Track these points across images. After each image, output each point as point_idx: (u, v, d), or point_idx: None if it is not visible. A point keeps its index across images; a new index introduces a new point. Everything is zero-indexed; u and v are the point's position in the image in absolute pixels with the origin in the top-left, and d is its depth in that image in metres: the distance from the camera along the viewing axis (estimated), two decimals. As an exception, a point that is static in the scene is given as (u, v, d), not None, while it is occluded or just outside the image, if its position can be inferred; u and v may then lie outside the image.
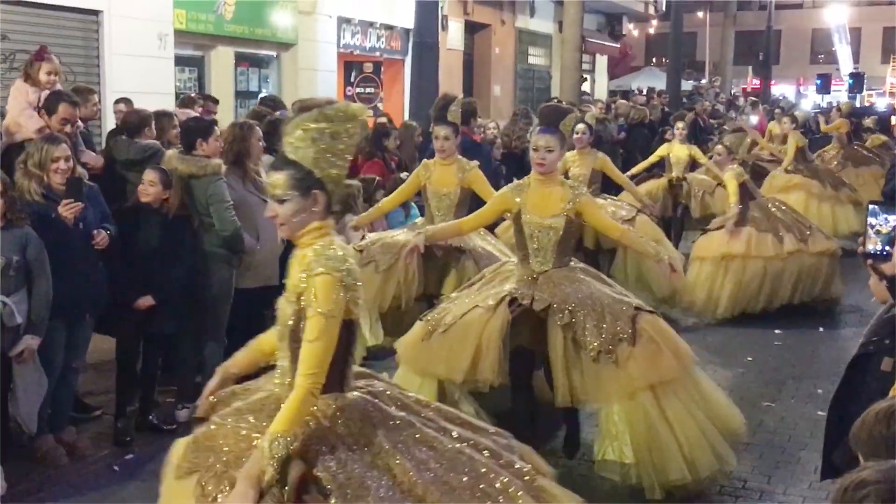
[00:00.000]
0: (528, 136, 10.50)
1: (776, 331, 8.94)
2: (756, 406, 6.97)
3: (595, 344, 5.01)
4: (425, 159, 7.33)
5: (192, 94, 9.98)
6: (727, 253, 9.18)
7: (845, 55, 39.99)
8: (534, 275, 5.38)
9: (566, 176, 8.39)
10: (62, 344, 5.64)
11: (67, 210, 5.53)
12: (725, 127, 14.77)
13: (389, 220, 8.43)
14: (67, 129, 6.40)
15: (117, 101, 9.16)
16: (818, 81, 34.87)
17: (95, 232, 5.73)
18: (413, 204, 8.81)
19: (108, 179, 6.94)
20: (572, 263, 5.55)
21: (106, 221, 5.92)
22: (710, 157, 11.27)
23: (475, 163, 7.07)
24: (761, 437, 6.38)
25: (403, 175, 8.90)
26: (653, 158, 11.60)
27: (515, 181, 5.66)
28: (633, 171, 11.45)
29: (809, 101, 35.11)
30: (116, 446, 6.04)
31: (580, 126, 8.92)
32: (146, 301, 6.04)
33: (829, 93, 33.27)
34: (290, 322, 3.24)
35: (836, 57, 40.80)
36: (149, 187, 6.15)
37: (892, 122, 19.79)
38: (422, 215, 8.65)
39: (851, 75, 34.28)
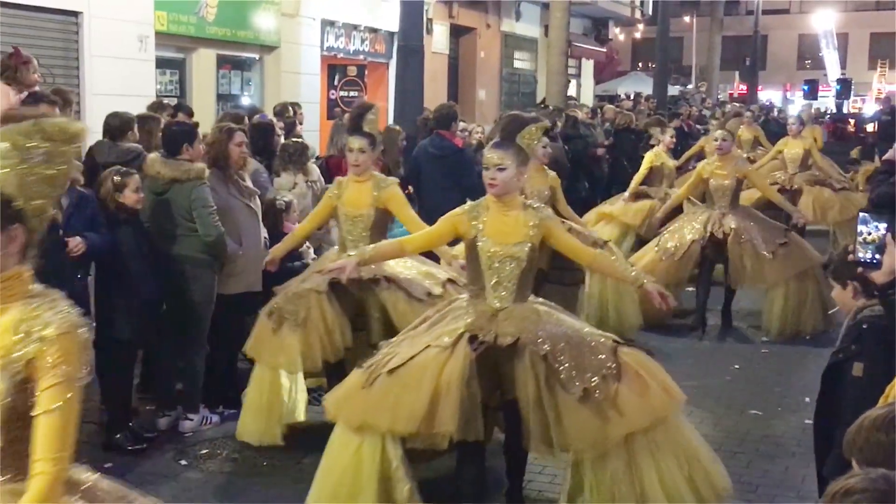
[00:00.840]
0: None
1: (763, 338, 8.98)
2: (743, 414, 7.01)
3: (578, 383, 4.39)
4: (338, 177, 6.66)
5: (163, 102, 9.89)
6: None
7: (833, 61, 40.26)
8: (492, 311, 4.72)
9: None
10: None
11: None
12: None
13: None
14: None
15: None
16: (805, 87, 35.11)
17: (70, 239, 5.65)
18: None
19: (90, 184, 6.91)
20: (531, 298, 4.90)
21: (96, 228, 5.87)
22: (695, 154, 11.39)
23: (394, 179, 6.35)
24: (748, 446, 6.41)
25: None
26: (643, 171, 11.31)
27: (470, 202, 4.95)
28: (632, 189, 11.31)
29: (796, 106, 35.27)
30: (106, 451, 6.01)
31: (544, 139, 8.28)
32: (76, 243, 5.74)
33: (816, 98, 33.54)
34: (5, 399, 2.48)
35: (823, 62, 41.06)
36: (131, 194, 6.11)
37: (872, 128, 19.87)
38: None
39: (839, 81, 34.52)
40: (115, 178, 6.06)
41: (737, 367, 8.18)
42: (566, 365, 4.43)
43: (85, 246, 5.70)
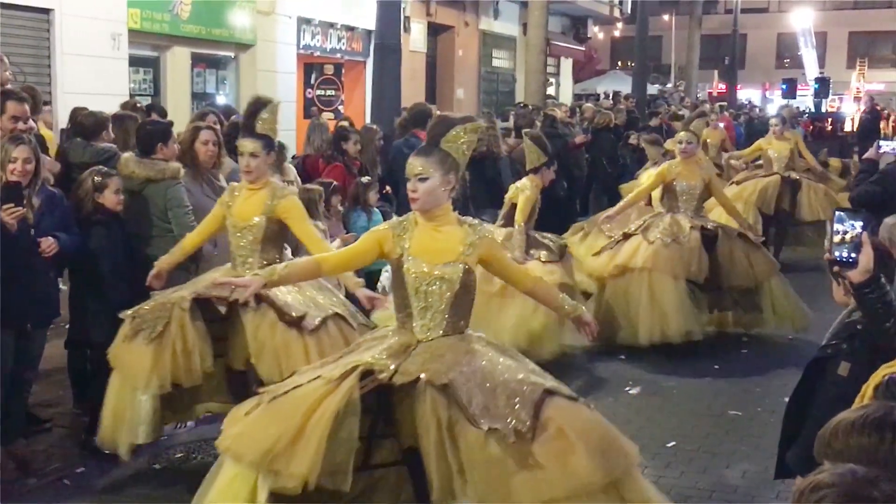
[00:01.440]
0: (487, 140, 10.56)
1: (743, 338, 9.02)
2: (723, 415, 7.04)
3: (484, 420, 3.73)
4: (233, 182, 6.12)
5: (136, 103, 9.81)
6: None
7: (811, 59, 40.45)
8: (412, 343, 4.13)
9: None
10: (11, 353, 5.57)
11: (9, 216, 5.33)
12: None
13: (351, 226, 8.38)
14: (20, 126, 6.27)
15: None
16: (784, 86, 35.20)
17: (42, 239, 5.60)
18: (376, 209, 8.76)
19: (62, 184, 6.86)
20: (469, 331, 4.27)
21: (69, 229, 5.82)
22: (665, 154, 11.26)
23: (293, 189, 5.84)
24: (727, 446, 6.44)
25: (365, 179, 8.85)
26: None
27: (396, 217, 4.44)
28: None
29: (775, 106, 35.46)
30: (82, 454, 5.96)
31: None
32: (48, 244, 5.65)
33: (794, 97, 33.69)
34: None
35: (802, 61, 41.28)
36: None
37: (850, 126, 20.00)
38: (386, 219, 8.62)
39: (817, 80, 34.73)
40: (95, 178, 6.01)
41: (716, 367, 8.21)
42: (471, 406, 3.77)
43: (57, 247, 5.65)
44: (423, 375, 3.88)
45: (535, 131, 9.64)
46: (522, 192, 8.22)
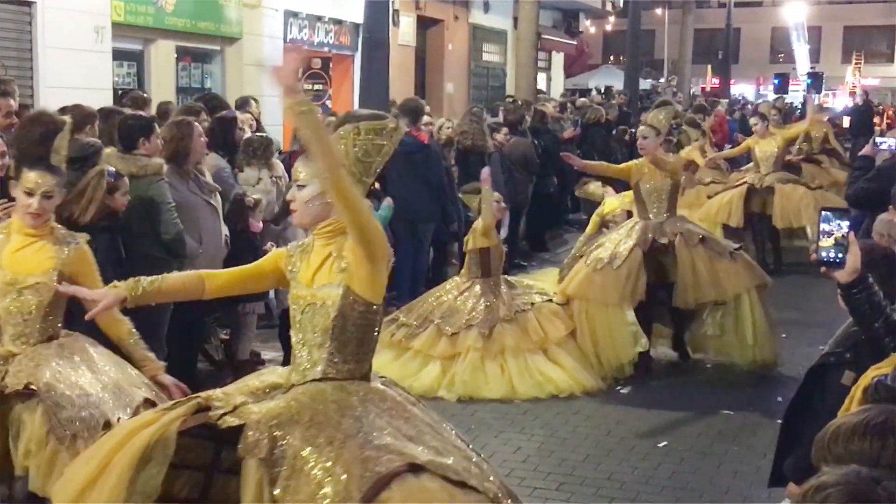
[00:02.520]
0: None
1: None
2: (715, 415, 7.06)
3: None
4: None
5: (145, 96, 9.76)
6: None
7: (802, 54, 40.40)
8: (282, 385, 3.54)
9: None
10: None
11: (2, 210, 5.14)
12: (684, 126, 14.88)
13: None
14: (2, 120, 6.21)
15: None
16: (776, 81, 35.11)
17: None
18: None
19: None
20: (372, 381, 3.55)
21: None
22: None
23: (84, 235, 4.73)
24: (719, 446, 6.46)
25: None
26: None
27: (301, 241, 3.81)
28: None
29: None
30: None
31: None
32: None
33: (787, 93, 33.58)
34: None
35: (792, 55, 41.29)
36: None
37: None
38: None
39: (810, 75, 34.75)
40: (108, 179, 5.73)
41: (709, 366, 8.23)
42: (296, 467, 3.13)
43: None
44: (253, 421, 3.21)
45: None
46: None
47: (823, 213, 3.30)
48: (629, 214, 8.98)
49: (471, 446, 3.57)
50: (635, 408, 7.21)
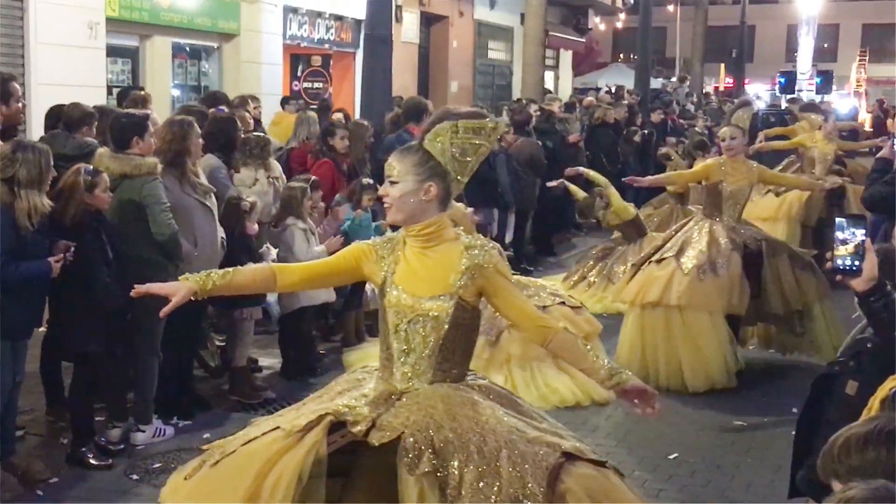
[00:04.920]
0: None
1: (750, 347, 9.00)
2: (728, 426, 7.06)
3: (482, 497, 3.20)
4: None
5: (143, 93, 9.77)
6: None
7: (807, 49, 39.53)
8: (395, 392, 3.55)
9: None
10: (11, 363, 5.56)
11: None
12: (696, 128, 14.90)
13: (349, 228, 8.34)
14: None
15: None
16: (782, 80, 34.25)
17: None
18: (365, 211, 8.66)
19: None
20: (470, 378, 3.69)
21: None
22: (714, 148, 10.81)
23: None
24: (732, 458, 6.45)
25: (366, 181, 8.70)
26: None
27: (390, 233, 3.81)
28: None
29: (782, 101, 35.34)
30: (70, 465, 5.98)
31: None
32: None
33: (793, 92, 33.12)
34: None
35: (797, 50, 40.74)
36: None
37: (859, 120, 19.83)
38: (375, 220, 8.60)
39: (819, 73, 34.44)
40: (85, 177, 5.82)
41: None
42: (465, 481, 3.22)
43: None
44: (407, 437, 3.29)
45: None
46: None
47: (838, 220, 3.31)
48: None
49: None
50: (645, 419, 7.17)
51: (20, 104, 6.92)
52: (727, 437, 6.86)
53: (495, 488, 3.19)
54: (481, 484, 3.20)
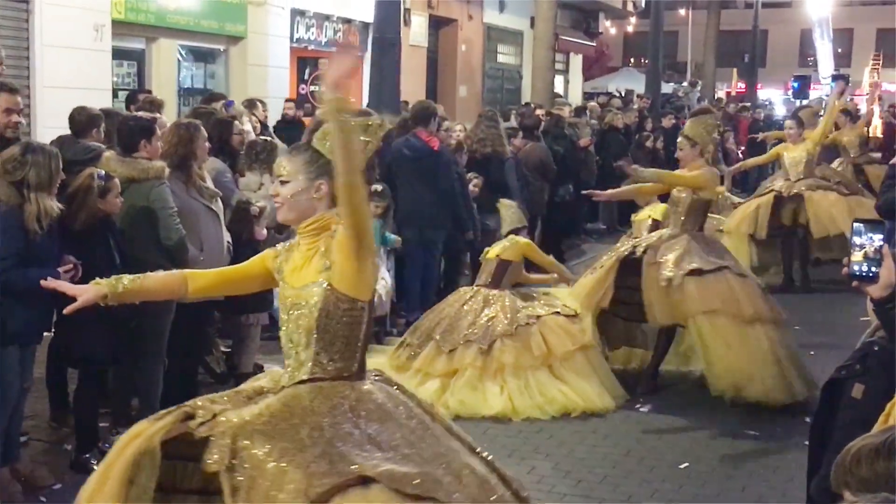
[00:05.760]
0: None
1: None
2: (740, 435, 7.03)
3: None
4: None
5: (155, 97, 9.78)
6: None
7: (826, 53, 39.50)
8: (274, 388, 3.65)
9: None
10: (19, 368, 5.57)
11: None
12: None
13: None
14: (13, 119, 6.22)
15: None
16: (795, 84, 34.09)
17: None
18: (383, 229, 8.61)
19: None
20: (361, 382, 3.57)
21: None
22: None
23: None
24: (745, 468, 6.44)
25: (375, 188, 8.69)
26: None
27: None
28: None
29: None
30: (73, 470, 5.97)
31: None
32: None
33: (807, 97, 33.01)
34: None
35: (816, 57, 40.70)
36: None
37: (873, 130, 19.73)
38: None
39: (834, 77, 34.35)
40: (98, 182, 5.80)
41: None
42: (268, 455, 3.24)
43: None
44: (222, 431, 3.31)
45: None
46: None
47: (855, 225, 3.29)
48: (656, 225, 9.00)
49: (484, 455, 3.67)
50: (655, 427, 7.19)
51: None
52: (739, 447, 6.84)
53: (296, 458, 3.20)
54: (283, 463, 3.20)
